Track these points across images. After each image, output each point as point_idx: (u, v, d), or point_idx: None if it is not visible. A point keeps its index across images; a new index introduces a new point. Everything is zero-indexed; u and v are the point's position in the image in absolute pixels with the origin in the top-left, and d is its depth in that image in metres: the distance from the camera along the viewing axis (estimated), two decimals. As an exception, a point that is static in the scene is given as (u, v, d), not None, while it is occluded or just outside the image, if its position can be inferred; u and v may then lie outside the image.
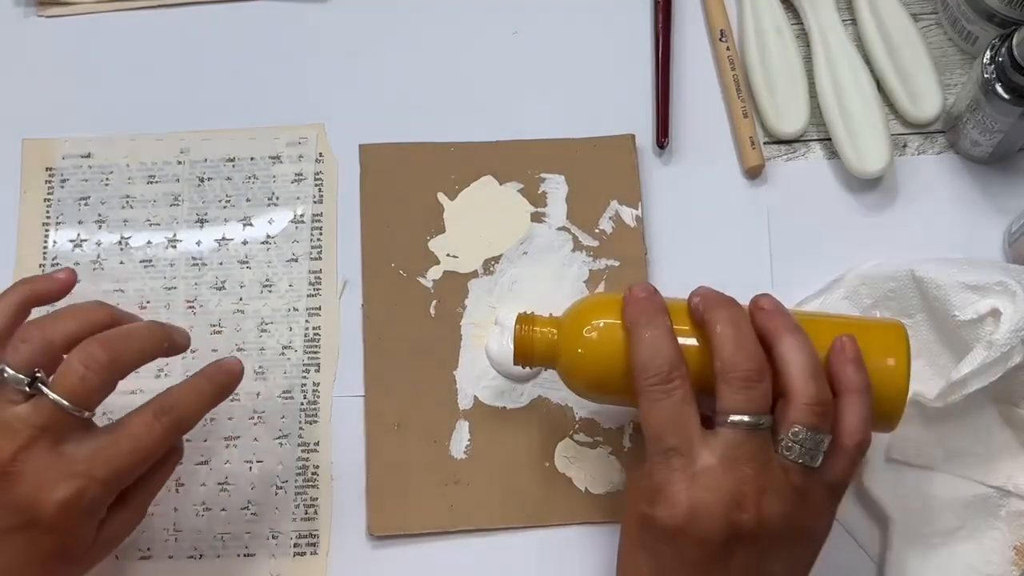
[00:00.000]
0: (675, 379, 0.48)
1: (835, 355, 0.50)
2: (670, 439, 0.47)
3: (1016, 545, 0.59)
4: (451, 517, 0.61)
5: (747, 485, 0.46)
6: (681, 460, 0.47)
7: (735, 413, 0.47)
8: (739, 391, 0.47)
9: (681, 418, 0.47)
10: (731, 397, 0.47)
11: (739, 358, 0.48)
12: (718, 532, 0.46)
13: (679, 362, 0.49)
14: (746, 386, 0.47)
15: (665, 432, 0.47)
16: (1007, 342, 0.55)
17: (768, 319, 0.50)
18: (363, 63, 0.70)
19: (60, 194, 0.67)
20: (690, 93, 0.69)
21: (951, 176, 0.67)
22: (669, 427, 0.47)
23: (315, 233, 0.66)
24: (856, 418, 0.49)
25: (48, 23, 0.71)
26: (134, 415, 0.51)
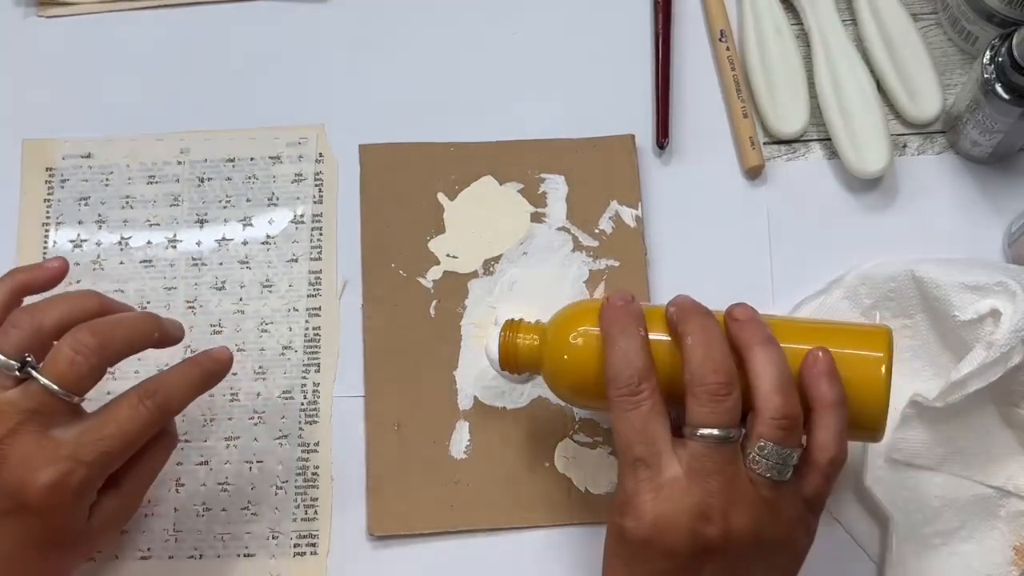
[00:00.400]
0: (644, 390, 0.48)
1: (807, 368, 0.49)
2: (637, 450, 0.47)
3: (1016, 545, 0.59)
4: (451, 517, 0.61)
5: (714, 498, 0.46)
6: (648, 471, 0.47)
7: (703, 426, 0.47)
8: (706, 404, 0.47)
9: (649, 429, 0.47)
10: (698, 410, 0.47)
11: (707, 370, 0.47)
12: (684, 544, 0.46)
13: (649, 373, 0.48)
14: (713, 399, 0.47)
15: (633, 443, 0.47)
16: (1007, 342, 0.55)
17: (740, 329, 0.49)
18: (363, 63, 0.70)
19: (60, 194, 0.67)
20: (690, 93, 0.69)
21: (951, 176, 0.67)
22: (637, 438, 0.47)
23: (315, 233, 0.66)
24: (829, 433, 0.48)
25: (48, 23, 0.71)
26: (120, 398, 0.51)
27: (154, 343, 0.53)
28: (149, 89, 0.69)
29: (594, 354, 0.51)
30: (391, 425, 0.62)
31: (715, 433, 0.46)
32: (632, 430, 0.47)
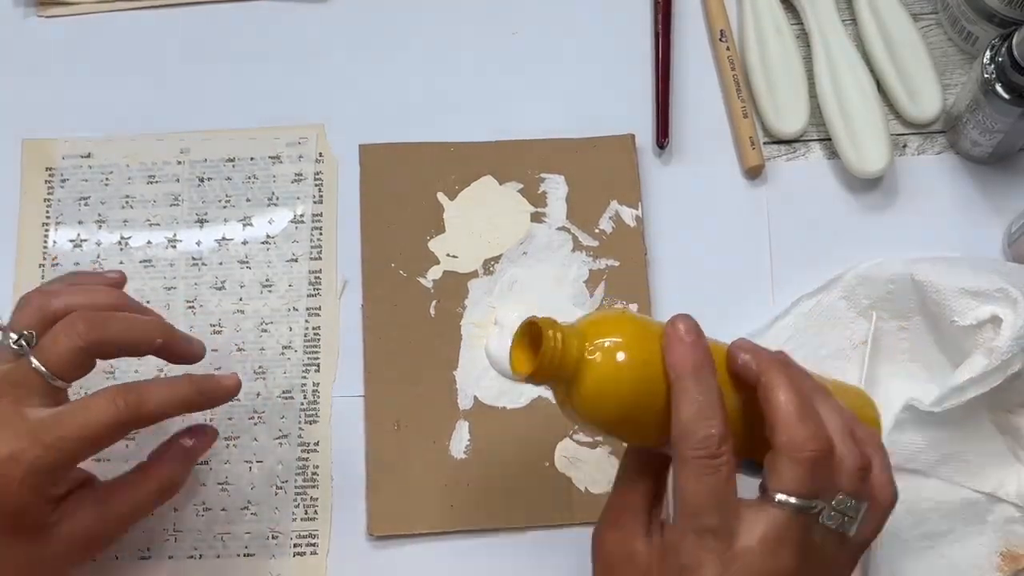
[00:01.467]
0: (723, 453, 0.43)
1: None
2: (710, 519, 0.43)
3: (1003, 551, 0.60)
4: (451, 517, 0.61)
5: (786, 569, 0.43)
6: (717, 543, 0.43)
7: (790, 494, 0.43)
8: (804, 471, 0.43)
9: (724, 496, 0.43)
10: (791, 476, 0.43)
11: (806, 434, 0.44)
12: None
13: (728, 434, 0.44)
14: (812, 468, 0.43)
15: (706, 510, 0.43)
16: (1008, 350, 0.55)
17: (780, 373, 0.46)
18: (363, 63, 0.70)
19: (60, 194, 0.67)
20: (690, 93, 0.69)
21: (951, 176, 0.67)
22: (712, 505, 0.43)
23: (315, 233, 0.66)
24: (886, 473, 0.47)
25: (48, 23, 0.71)
26: (99, 391, 0.50)
27: (155, 350, 0.53)
28: (149, 89, 0.69)
29: (654, 390, 0.45)
30: (391, 425, 0.62)
31: (797, 502, 0.43)
32: (707, 496, 0.43)
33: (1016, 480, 0.59)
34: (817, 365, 0.62)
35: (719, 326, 0.64)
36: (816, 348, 0.63)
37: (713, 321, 0.64)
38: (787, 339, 0.63)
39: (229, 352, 0.64)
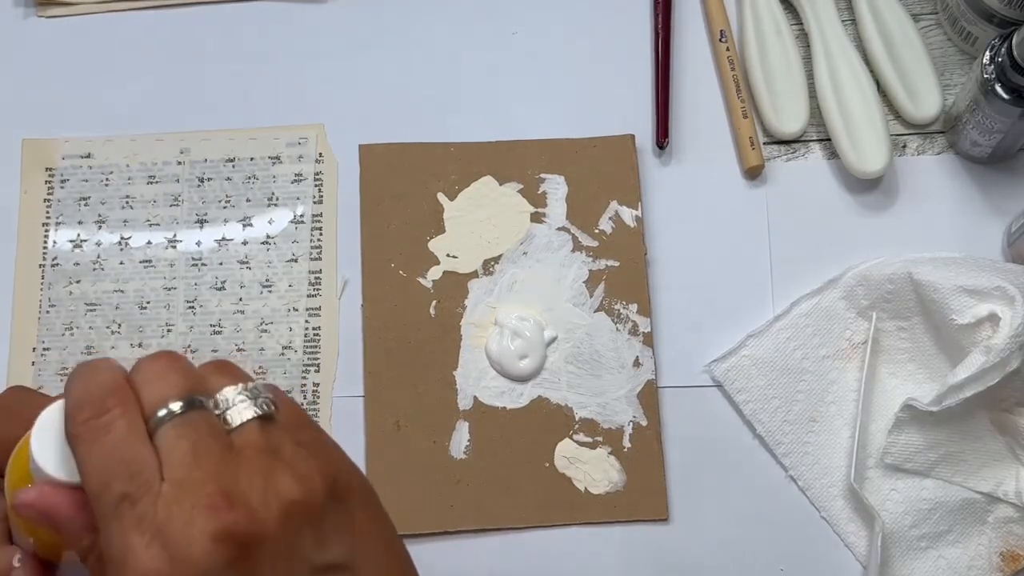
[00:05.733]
0: (112, 407, 0.37)
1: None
2: (118, 485, 0.36)
3: (1002, 551, 0.60)
4: (451, 517, 0.61)
5: (212, 482, 0.36)
6: (135, 509, 0.35)
7: (159, 405, 0.37)
8: (152, 380, 0.38)
9: (127, 454, 0.36)
10: (147, 389, 0.38)
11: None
12: (213, 560, 0.35)
13: (120, 387, 0.37)
14: (158, 369, 0.38)
15: (111, 478, 0.36)
16: (1006, 347, 0.55)
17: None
18: (363, 63, 0.70)
19: (60, 194, 0.67)
20: (690, 93, 0.69)
21: (951, 176, 0.67)
22: (114, 470, 0.36)
23: (315, 233, 0.66)
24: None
25: (48, 23, 0.71)
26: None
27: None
28: (149, 89, 0.69)
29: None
30: (391, 425, 0.62)
31: (179, 404, 0.37)
32: (106, 461, 0.36)
33: (1015, 480, 0.59)
34: (817, 365, 0.63)
35: (719, 326, 0.64)
36: (816, 348, 0.63)
37: (713, 321, 0.64)
38: (787, 339, 0.63)
39: (229, 352, 0.64)
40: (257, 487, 0.36)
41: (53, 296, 0.65)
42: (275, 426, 0.38)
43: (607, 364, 0.63)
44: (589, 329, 0.64)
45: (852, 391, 0.62)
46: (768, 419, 0.62)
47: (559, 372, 0.63)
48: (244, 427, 0.38)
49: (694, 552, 0.61)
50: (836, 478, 0.61)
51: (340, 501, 0.38)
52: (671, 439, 0.62)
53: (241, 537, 0.35)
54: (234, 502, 0.35)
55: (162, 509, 0.35)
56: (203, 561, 0.35)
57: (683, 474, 0.62)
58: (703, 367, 0.64)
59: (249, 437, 0.38)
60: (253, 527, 0.35)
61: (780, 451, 0.62)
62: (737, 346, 0.63)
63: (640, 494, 0.61)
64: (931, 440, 0.59)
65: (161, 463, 0.36)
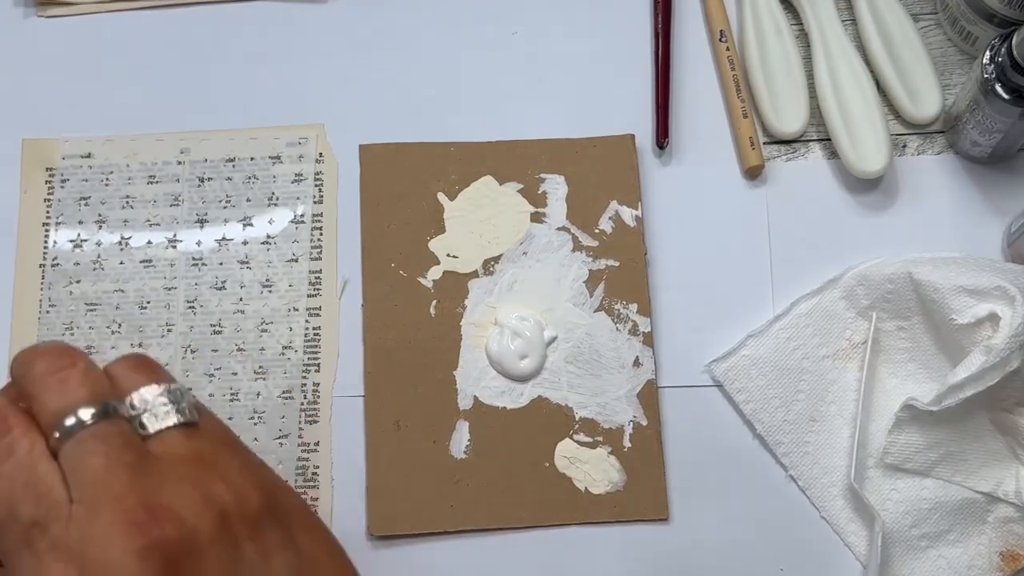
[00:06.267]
0: (12, 429, 0.34)
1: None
2: (26, 509, 0.33)
3: (1002, 551, 0.60)
4: (451, 517, 0.61)
5: (131, 496, 0.33)
6: (47, 535, 0.33)
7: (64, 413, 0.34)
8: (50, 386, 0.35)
9: (32, 477, 0.33)
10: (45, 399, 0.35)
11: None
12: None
13: (19, 415, 0.35)
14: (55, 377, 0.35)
15: (17, 503, 0.33)
16: (1006, 347, 0.55)
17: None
18: (363, 63, 0.70)
19: (60, 194, 0.67)
20: (690, 93, 0.69)
21: (951, 176, 0.67)
22: (19, 495, 0.33)
23: (315, 233, 0.66)
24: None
25: (48, 23, 0.71)
26: None
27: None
28: (149, 89, 0.69)
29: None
30: (391, 425, 0.62)
31: (89, 412, 0.34)
32: (11, 489, 0.33)
33: (1015, 480, 0.59)
34: (817, 365, 0.63)
35: (719, 326, 0.64)
36: (816, 348, 0.63)
37: (713, 321, 0.64)
38: (787, 339, 0.63)
39: (229, 352, 0.64)
40: (187, 497, 0.33)
41: (53, 296, 0.65)
42: (199, 433, 0.35)
43: (607, 364, 0.63)
44: (589, 329, 0.64)
45: (852, 391, 0.62)
46: (768, 419, 0.62)
47: (559, 372, 0.63)
48: (164, 435, 0.35)
49: (694, 552, 0.61)
50: (836, 478, 0.61)
51: (279, 519, 0.35)
52: (671, 439, 0.62)
53: (171, 550, 0.32)
54: (159, 514, 0.32)
55: (75, 532, 0.32)
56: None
57: (683, 474, 0.62)
58: (703, 367, 0.64)
59: (171, 445, 0.34)
60: (185, 539, 0.32)
61: (780, 451, 0.62)
62: (737, 346, 0.63)
63: (640, 494, 0.61)
64: (931, 440, 0.59)
65: (68, 483, 0.33)
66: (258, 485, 0.35)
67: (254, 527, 0.34)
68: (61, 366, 0.35)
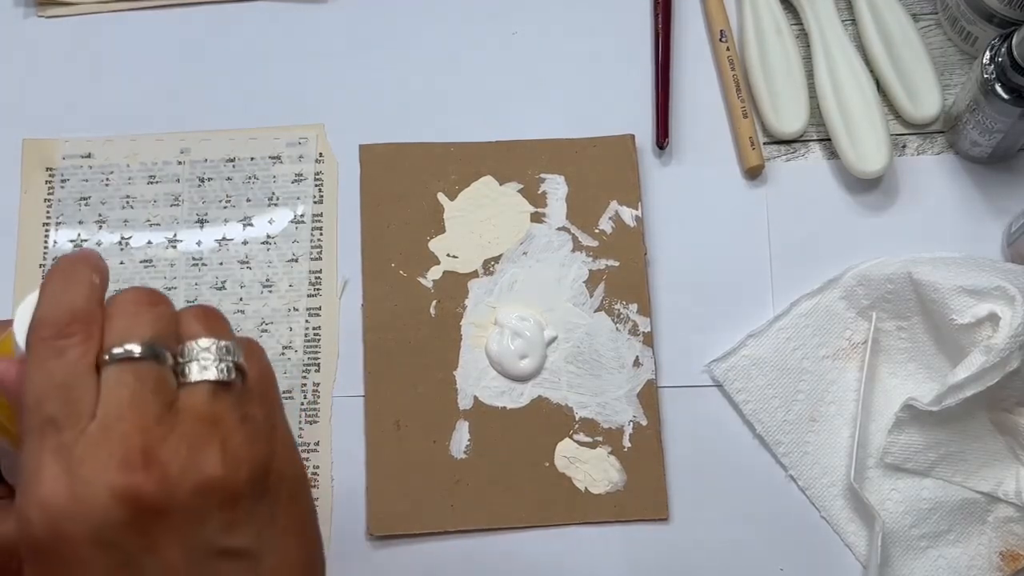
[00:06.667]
0: (74, 334, 0.36)
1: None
2: (50, 406, 0.35)
3: (1002, 551, 0.60)
4: (451, 517, 0.61)
5: (136, 437, 0.35)
6: (60, 435, 0.35)
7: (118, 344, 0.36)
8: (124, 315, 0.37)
9: (70, 380, 0.36)
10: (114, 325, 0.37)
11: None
12: (110, 516, 0.34)
13: (90, 317, 0.37)
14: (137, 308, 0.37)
15: (46, 398, 0.35)
16: (1006, 347, 0.55)
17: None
18: (363, 63, 0.70)
19: (60, 194, 0.67)
20: (690, 93, 0.69)
21: (951, 176, 0.67)
22: (52, 392, 0.35)
23: (315, 233, 0.66)
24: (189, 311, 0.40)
25: (48, 23, 0.71)
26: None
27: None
28: (149, 89, 0.69)
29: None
30: (391, 425, 0.62)
31: (139, 349, 0.36)
32: (49, 382, 0.35)
33: (1015, 480, 0.59)
34: (817, 365, 0.63)
35: (719, 326, 0.64)
36: (816, 348, 0.63)
37: (713, 321, 0.64)
38: (787, 339, 0.63)
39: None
40: (180, 456, 0.35)
41: (53, 296, 0.65)
42: (229, 394, 0.37)
43: (607, 364, 0.63)
44: (589, 329, 0.64)
45: (852, 391, 0.62)
46: (768, 419, 0.62)
47: (559, 372, 0.63)
48: (196, 387, 0.36)
49: (694, 552, 0.61)
50: (836, 478, 0.61)
51: (263, 490, 0.37)
52: (671, 439, 0.62)
53: (144, 502, 0.34)
54: (150, 464, 0.34)
55: (80, 446, 0.34)
56: (100, 513, 0.34)
57: (683, 474, 0.62)
58: (703, 367, 0.64)
59: (195, 400, 0.36)
60: (159, 496, 0.34)
61: (780, 451, 0.62)
62: (737, 346, 0.63)
63: (640, 494, 0.61)
64: (931, 440, 0.59)
65: (98, 401, 0.35)
66: (255, 457, 0.37)
67: (229, 500, 0.36)
68: (143, 302, 0.37)
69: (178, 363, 0.37)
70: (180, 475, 0.35)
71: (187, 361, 0.37)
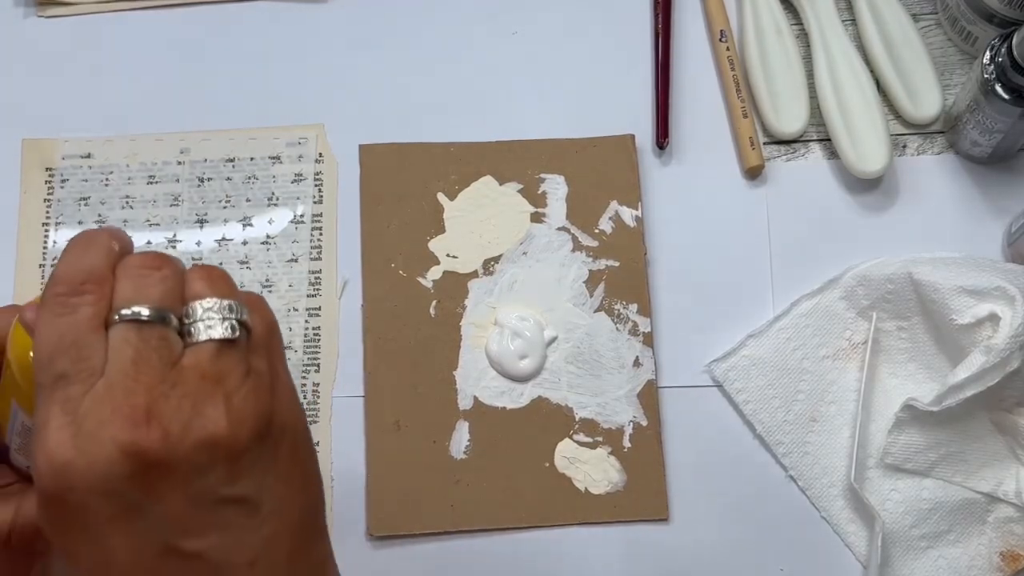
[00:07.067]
0: (88, 292, 0.37)
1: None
2: (61, 363, 0.36)
3: (1002, 551, 0.60)
4: (451, 517, 0.61)
5: (142, 394, 0.36)
6: (68, 389, 0.36)
7: (128, 306, 0.37)
8: (132, 278, 0.38)
9: (81, 338, 0.36)
10: (123, 286, 0.38)
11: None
12: (115, 469, 0.35)
13: (103, 278, 0.38)
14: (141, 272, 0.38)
15: (57, 354, 0.36)
16: (1006, 347, 0.55)
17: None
18: (363, 63, 0.70)
19: (60, 194, 0.67)
20: (690, 93, 0.69)
21: (951, 176, 0.67)
22: (63, 348, 0.36)
23: (315, 233, 0.66)
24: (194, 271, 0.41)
25: (48, 23, 0.71)
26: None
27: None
28: (149, 89, 0.69)
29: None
30: (391, 425, 0.62)
31: (146, 311, 0.37)
32: (60, 338, 0.36)
33: (1015, 480, 0.59)
34: (817, 365, 0.63)
35: (719, 326, 0.64)
36: (816, 348, 0.63)
37: (713, 321, 0.64)
38: (787, 339, 0.63)
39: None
40: (183, 413, 0.36)
41: (53, 296, 0.65)
42: (233, 350, 0.38)
43: (607, 364, 0.63)
44: (589, 329, 0.64)
45: (852, 391, 0.62)
46: (768, 419, 0.62)
47: (559, 372, 0.63)
48: (201, 347, 0.37)
49: (694, 552, 0.61)
50: (836, 478, 0.61)
51: (267, 442, 0.38)
52: (671, 439, 0.62)
53: (147, 457, 0.35)
54: (153, 421, 0.35)
55: (87, 401, 0.36)
56: (104, 466, 0.35)
57: (683, 474, 0.62)
58: (703, 367, 0.64)
59: (200, 359, 0.37)
60: (162, 451, 0.35)
61: (780, 451, 0.62)
62: (737, 346, 0.63)
63: (640, 494, 0.61)
64: (931, 440, 0.59)
65: (107, 360, 0.36)
66: (258, 411, 0.38)
67: (232, 454, 0.37)
68: (150, 265, 0.38)
69: (183, 324, 0.38)
70: (182, 432, 0.36)
71: (192, 321, 0.38)
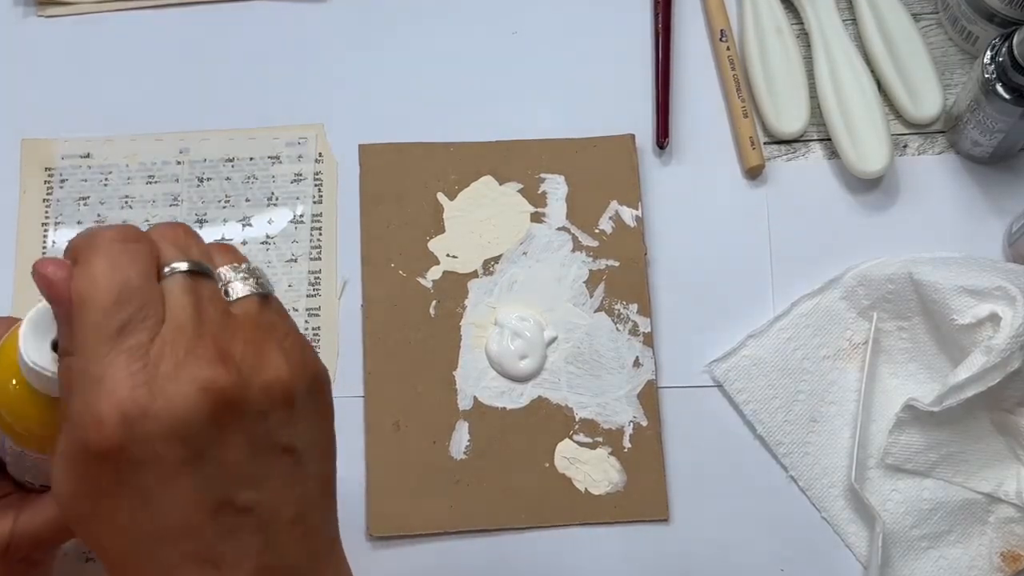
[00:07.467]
0: (144, 240, 0.38)
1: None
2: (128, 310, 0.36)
3: (1003, 551, 0.60)
4: (451, 517, 0.61)
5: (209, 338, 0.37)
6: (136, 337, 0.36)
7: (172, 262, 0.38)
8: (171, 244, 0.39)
9: (147, 287, 0.37)
10: (168, 248, 0.39)
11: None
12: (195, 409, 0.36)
13: (144, 235, 0.39)
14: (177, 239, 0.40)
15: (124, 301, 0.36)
16: (1007, 347, 0.55)
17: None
18: (363, 63, 0.70)
19: (59, 194, 0.67)
20: (690, 93, 0.69)
21: (951, 176, 0.67)
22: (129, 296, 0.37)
23: (315, 233, 0.66)
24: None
25: (48, 23, 0.70)
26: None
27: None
28: (149, 89, 0.69)
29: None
30: (391, 425, 0.62)
31: (187, 266, 0.38)
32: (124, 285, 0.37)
33: (1015, 480, 0.59)
34: (817, 365, 0.63)
35: (719, 326, 0.64)
36: (816, 348, 0.63)
37: (713, 321, 0.64)
38: (787, 340, 0.63)
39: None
40: (249, 355, 0.37)
41: (53, 296, 0.65)
42: (272, 304, 0.40)
43: (607, 364, 0.63)
44: (589, 329, 0.64)
45: (852, 391, 0.62)
46: (768, 419, 0.62)
47: (559, 372, 0.63)
48: (244, 300, 0.39)
49: (694, 552, 0.61)
50: (837, 478, 0.61)
51: (313, 390, 0.39)
52: (671, 439, 0.62)
53: (225, 395, 0.36)
54: (226, 360, 0.36)
55: (158, 346, 0.36)
56: (181, 407, 0.35)
57: (683, 474, 0.62)
58: (703, 367, 0.64)
59: (248, 309, 0.39)
60: (237, 390, 0.36)
61: (780, 451, 0.62)
62: (737, 346, 0.63)
63: (640, 494, 0.61)
64: (932, 440, 0.59)
65: (165, 308, 0.37)
66: (308, 362, 0.40)
67: (290, 399, 0.38)
68: (185, 232, 0.40)
69: (219, 283, 0.39)
70: (251, 373, 0.37)
71: (228, 281, 0.39)
